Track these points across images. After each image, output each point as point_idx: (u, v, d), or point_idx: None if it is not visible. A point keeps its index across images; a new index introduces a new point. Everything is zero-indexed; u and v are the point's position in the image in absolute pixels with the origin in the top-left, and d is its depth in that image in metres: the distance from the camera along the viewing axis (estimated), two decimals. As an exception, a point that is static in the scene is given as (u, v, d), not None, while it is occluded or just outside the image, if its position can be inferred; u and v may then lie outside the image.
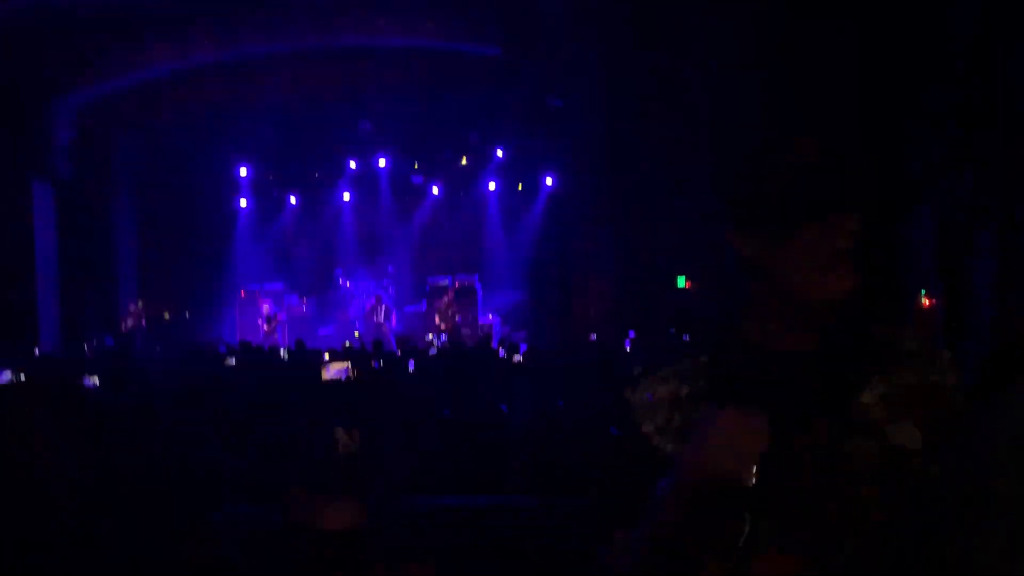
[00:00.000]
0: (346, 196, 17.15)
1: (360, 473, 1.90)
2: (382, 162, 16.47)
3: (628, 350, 9.68)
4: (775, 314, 1.31)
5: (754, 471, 1.14)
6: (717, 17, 11.16)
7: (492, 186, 16.50)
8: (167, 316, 15.89)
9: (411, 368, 7.42)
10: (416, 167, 16.61)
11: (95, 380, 5.32)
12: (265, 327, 15.71)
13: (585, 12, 12.71)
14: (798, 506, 1.22)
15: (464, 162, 16.34)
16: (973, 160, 6.86)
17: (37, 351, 12.14)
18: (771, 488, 1.18)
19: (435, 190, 16.94)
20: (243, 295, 16.29)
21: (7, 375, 5.98)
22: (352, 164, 16.63)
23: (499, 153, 15.80)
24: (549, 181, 15.29)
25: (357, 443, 1.90)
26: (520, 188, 16.07)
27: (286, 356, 10.03)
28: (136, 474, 2.65)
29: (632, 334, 11.15)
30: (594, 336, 11.73)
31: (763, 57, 9.42)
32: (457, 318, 14.85)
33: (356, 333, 14.83)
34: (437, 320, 14.89)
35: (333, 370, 5.65)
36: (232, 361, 8.38)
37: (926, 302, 6.75)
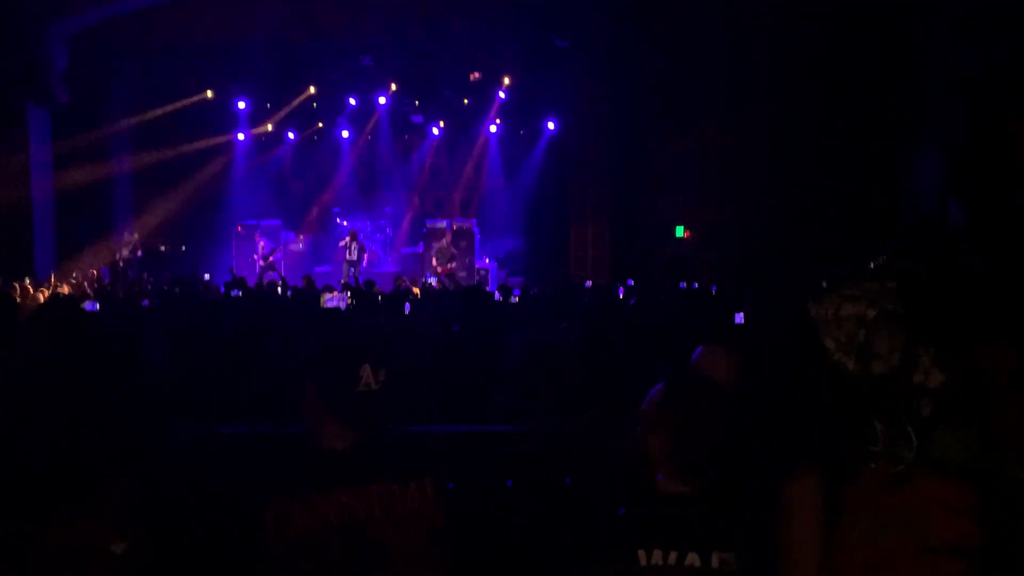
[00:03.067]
0: (345, 133, 16.97)
1: (375, 407, 1.95)
2: (382, 100, 16.25)
3: (621, 297, 9.68)
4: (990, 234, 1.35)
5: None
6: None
7: (493, 128, 16.32)
8: (163, 248, 15.84)
9: (407, 310, 7.45)
10: (417, 106, 16.39)
11: (96, 305, 5.34)
12: (261, 263, 15.69)
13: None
14: (979, 417, 1.26)
15: (466, 102, 16.12)
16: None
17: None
18: (955, 397, 1.25)
19: (435, 130, 16.76)
20: (240, 230, 16.22)
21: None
22: (352, 101, 16.40)
23: (501, 94, 15.59)
24: (551, 125, 15.12)
25: (380, 383, 1.93)
26: (522, 133, 15.89)
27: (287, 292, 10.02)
28: (140, 393, 2.68)
29: (630, 282, 11.17)
30: (589, 283, 11.75)
31: None
32: (453, 262, 14.84)
33: (352, 271, 14.84)
34: (434, 262, 14.88)
35: (331, 298, 5.67)
36: (238, 292, 8.37)
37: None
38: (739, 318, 5.41)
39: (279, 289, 10.65)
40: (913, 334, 1.29)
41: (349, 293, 5.93)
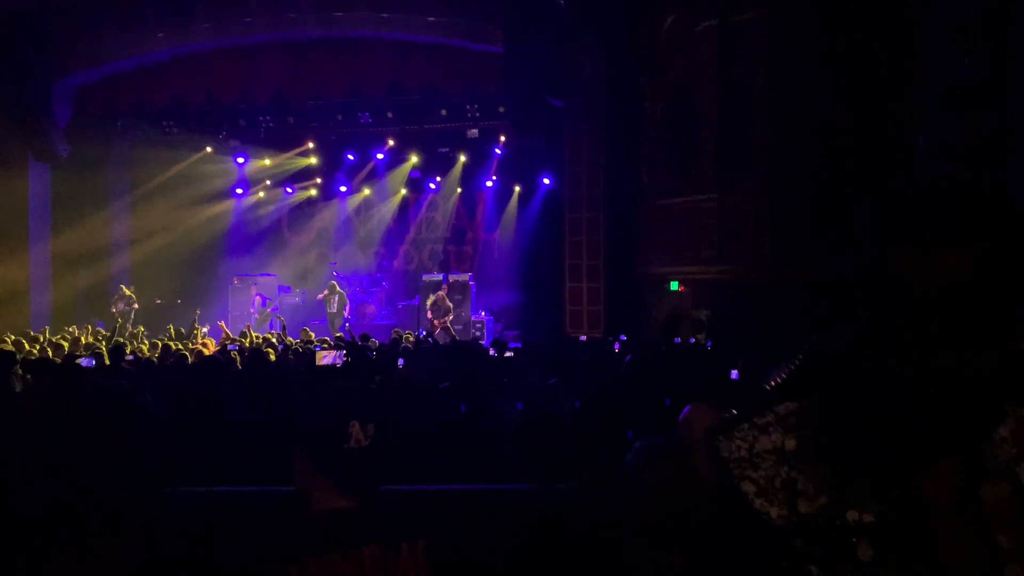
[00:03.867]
0: (343, 188, 17.17)
1: (367, 465, 1.93)
2: (380, 155, 16.49)
3: (616, 350, 9.70)
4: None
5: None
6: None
7: (490, 183, 16.54)
8: (159, 301, 15.85)
9: (400, 364, 7.44)
10: (414, 162, 16.62)
11: (92, 361, 5.34)
12: (256, 315, 15.70)
13: (587, 12, 12.77)
14: (925, 552, 1.11)
15: (463, 158, 16.37)
16: None
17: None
18: (895, 533, 1.10)
19: (432, 185, 16.98)
20: (236, 283, 16.28)
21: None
22: (350, 156, 16.64)
23: (497, 151, 15.84)
24: (546, 181, 15.33)
25: (370, 438, 1.92)
26: (518, 189, 16.10)
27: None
28: (131, 452, 2.68)
29: (623, 337, 11.19)
30: (584, 337, 11.77)
31: None
32: (449, 315, 14.86)
33: (347, 324, 14.84)
34: (430, 315, 14.90)
35: (327, 356, 5.68)
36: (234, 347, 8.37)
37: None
38: (734, 374, 5.42)
39: (275, 339, 10.66)
40: (840, 464, 1.14)
41: (345, 352, 5.94)
